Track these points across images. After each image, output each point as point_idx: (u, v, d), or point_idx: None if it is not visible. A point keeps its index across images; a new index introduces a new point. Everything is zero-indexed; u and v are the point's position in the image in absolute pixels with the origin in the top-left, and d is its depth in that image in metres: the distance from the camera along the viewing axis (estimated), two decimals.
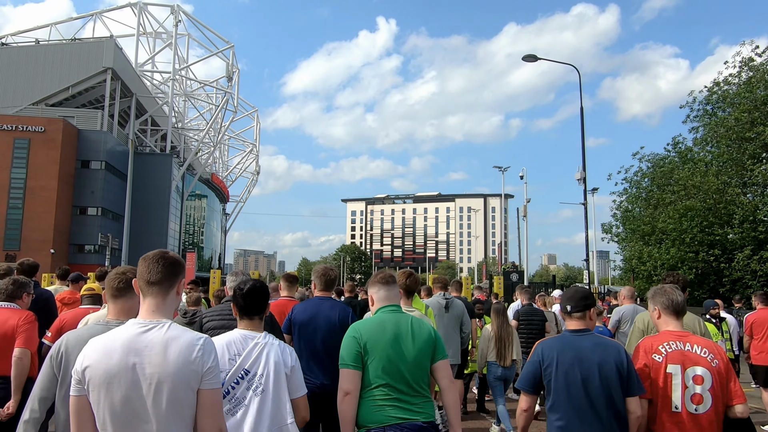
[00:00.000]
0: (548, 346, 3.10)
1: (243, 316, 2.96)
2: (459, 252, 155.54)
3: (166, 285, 2.12)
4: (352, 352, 3.01)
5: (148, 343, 1.98)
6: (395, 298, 3.30)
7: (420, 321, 3.20)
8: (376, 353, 2.98)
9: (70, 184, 46.43)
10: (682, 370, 2.95)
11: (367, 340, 3.02)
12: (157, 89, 61.61)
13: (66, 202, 45.84)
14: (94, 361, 1.97)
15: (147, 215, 52.64)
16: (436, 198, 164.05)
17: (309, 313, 4.32)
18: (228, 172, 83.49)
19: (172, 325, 2.06)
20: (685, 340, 3.05)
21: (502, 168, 37.35)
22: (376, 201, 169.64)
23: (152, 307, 2.09)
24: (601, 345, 3.03)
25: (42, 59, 49.71)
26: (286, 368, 2.85)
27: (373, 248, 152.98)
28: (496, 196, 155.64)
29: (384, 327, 3.08)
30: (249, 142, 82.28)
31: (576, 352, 2.99)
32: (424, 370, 3.04)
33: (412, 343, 3.03)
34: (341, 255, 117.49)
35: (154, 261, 2.13)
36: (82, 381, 1.98)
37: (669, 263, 18.90)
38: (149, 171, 53.78)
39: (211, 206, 78.51)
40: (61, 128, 44.73)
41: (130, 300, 2.66)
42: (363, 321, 3.30)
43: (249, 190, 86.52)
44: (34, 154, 43.95)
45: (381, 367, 2.96)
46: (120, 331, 2.04)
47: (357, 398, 2.96)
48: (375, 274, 3.45)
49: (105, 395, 1.94)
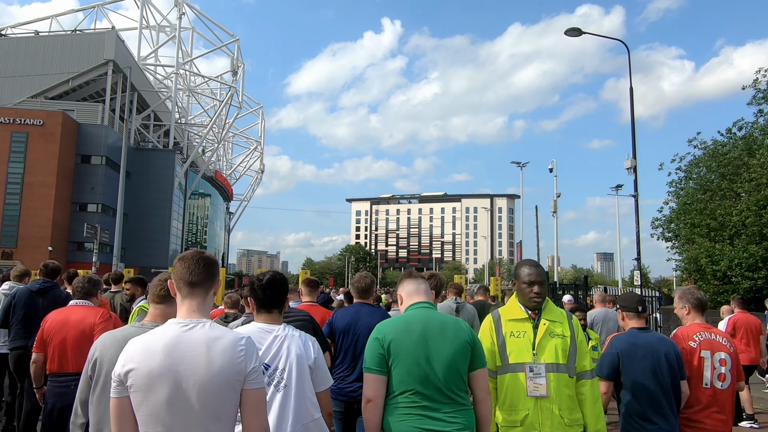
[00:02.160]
0: (623, 340, 3.62)
1: (261, 309, 2.83)
2: (465, 253, 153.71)
3: (207, 285, 2.10)
4: (374, 355, 2.75)
5: (191, 342, 1.95)
6: (425, 294, 2.99)
7: (457, 321, 2.89)
8: (401, 355, 2.71)
9: (70, 179, 44.96)
10: (711, 355, 3.63)
11: (391, 341, 2.74)
12: (161, 84, 60.12)
13: (65, 198, 44.35)
14: (137, 362, 1.93)
15: (149, 213, 51.15)
16: (442, 198, 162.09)
17: (349, 319, 4.30)
18: (232, 170, 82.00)
19: (213, 324, 2.03)
20: (711, 331, 3.74)
21: (521, 163, 35.73)
22: (381, 201, 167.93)
23: (192, 307, 2.06)
24: (662, 339, 3.68)
25: (41, 51, 48.26)
26: (309, 360, 2.72)
27: (378, 249, 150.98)
28: (502, 197, 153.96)
29: (410, 326, 2.80)
30: (253, 140, 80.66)
31: (646, 345, 3.53)
32: (459, 375, 2.73)
33: (444, 345, 2.73)
34: (346, 255, 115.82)
35: (194, 262, 2.10)
36: (124, 382, 1.94)
37: (747, 262, 16.68)
38: (151, 167, 52.30)
39: (214, 205, 77.08)
40: (60, 122, 43.28)
41: (169, 307, 2.71)
42: (388, 320, 2.98)
43: (253, 188, 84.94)
44: (32, 148, 42.52)
45: (407, 371, 2.69)
46: (161, 331, 2.01)
47: (381, 406, 2.71)
48: (403, 273, 3.22)
49: (148, 396, 1.91)
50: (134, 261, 47.21)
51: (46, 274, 5.88)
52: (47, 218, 41.80)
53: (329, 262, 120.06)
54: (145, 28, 58.48)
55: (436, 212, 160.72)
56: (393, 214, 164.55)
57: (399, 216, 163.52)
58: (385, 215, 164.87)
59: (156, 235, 51.66)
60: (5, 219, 41.93)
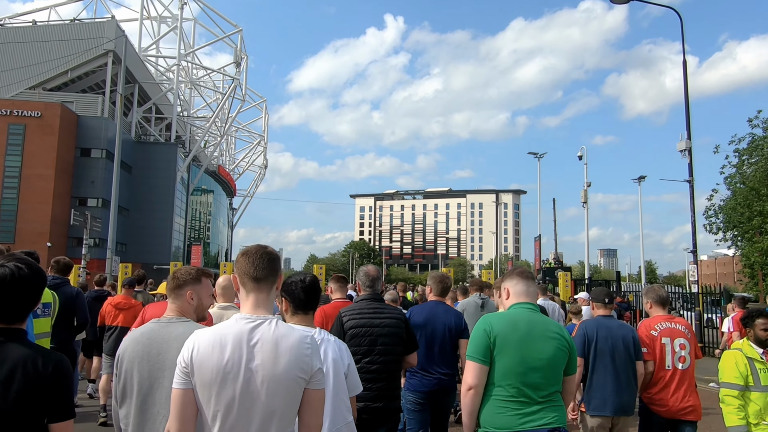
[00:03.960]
0: (590, 324, 4.51)
1: (298, 310, 2.85)
2: (470, 249, 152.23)
3: (271, 280, 2.11)
4: (481, 346, 2.88)
5: (259, 338, 1.96)
6: (533, 296, 3.15)
7: (559, 326, 3.05)
8: (506, 350, 2.85)
9: (69, 173, 43.62)
10: (671, 341, 4.32)
11: (498, 335, 2.87)
12: (162, 76, 58.70)
13: (64, 193, 43.02)
14: (206, 355, 1.91)
15: (151, 208, 49.84)
16: (447, 194, 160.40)
17: (425, 315, 4.60)
18: (235, 165, 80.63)
19: (279, 321, 2.04)
20: (672, 321, 4.48)
21: (538, 154, 34.20)
22: (386, 197, 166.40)
23: (257, 302, 2.06)
24: (622, 325, 4.55)
25: (39, 41, 46.84)
26: (344, 366, 2.79)
27: (382, 245, 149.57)
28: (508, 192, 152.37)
29: (516, 324, 2.93)
30: (256, 134, 79.20)
31: (608, 329, 4.38)
32: (557, 375, 2.91)
33: (546, 347, 2.88)
34: (350, 251, 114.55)
35: (258, 257, 2.10)
36: (191, 374, 1.92)
37: None
38: (153, 161, 50.95)
39: (217, 200, 75.76)
40: (59, 113, 41.93)
41: (177, 300, 2.68)
42: (495, 314, 3.16)
43: (257, 184, 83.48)
44: (29, 140, 41.17)
45: (509, 366, 2.82)
46: (229, 325, 2.00)
47: (480, 394, 2.86)
48: (514, 268, 3.33)
49: (216, 390, 1.90)
50: (136, 257, 45.95)
51: (58, 270, 5.95)
52: (46, 213, 40.48)
53: (333, 258, 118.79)
54: (146, 19, 57.11)
55: (441, 208, 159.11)
56: (397, 210, 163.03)
57: (403, 212, 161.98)
58: (389, 211, 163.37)
59: (158, 230, 50.34)
60: (2, 214, 40.65)
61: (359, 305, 3.88)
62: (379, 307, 3.88)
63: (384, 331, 3.74)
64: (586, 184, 23.16)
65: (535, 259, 30.24)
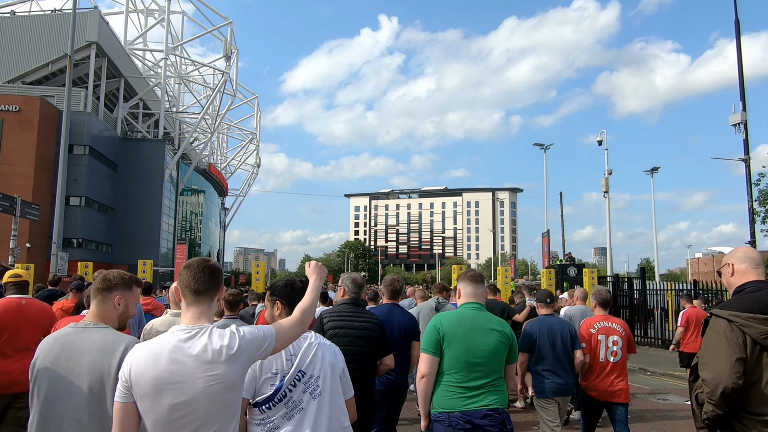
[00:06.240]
0: (534, 323, 5.36)
1: None
2: (466, 248, 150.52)
3: (212, 293, 2.14)
4: (432, 340, 3.43)
5: (193, 348, 1.98)
6: (481, 297, 3.63)
7: (502, 322, 3.58)
8: (453, 343, 3.38)
9: (50, 170, 41.41)
10: (606, 338, 5.12)
11: (447, 330, 3.42)
12: (150, 70, 56.61)
13: (44, 191, 40.83)
14: (143, 368, 1.95)
15: (137, 207, 47.78)
16: (442, 192, 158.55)
17: (382, 318, 4.53)
18: (226, 164, 78.56)
19: (214, 329, 2.05)
20: (609, 320, 5.26)
21: (544, 145, 32.45)
22: (381, 196, 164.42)
23: (197, 314, 2.10)
24: (562, 322, 5.37)
25: (18, 32, 44.69)
26: (338, 370, 2.76)
27: (377, 245, 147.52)
28: (504, 190, 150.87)
29: (463, 320, 3.48)
30: (248, 131, 77.13)
31: (549, 326, 5.22)
32: (498, 363, 3.44)
33: (488, 338, 3.41)
34: (345, 251, 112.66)
35: (199, 270, 2.13)
36: (130, 387, 1.96)
37: None
38: (140, 158, 48.88)
39: (209, 200, 73.66)
40: (39, 107, 39.81)
41: (102, 304, 2.63)
42: (445, 313, 3.68)
43: (249, 183, 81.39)
44: (7, 136, 39.04)
45: (456, 356, 3.37)
46: (165, 337, 2.03)
47: (432, 381, 3.42)
48: (467, 271, 3.79)
49: (154, 402, 1.93)
50: (123, 258, 43.90)
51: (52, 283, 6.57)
52: None
53: (328, 258, 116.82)
54: (132, 11, 55.06)
55: (437, 207, 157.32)
56: (392, 210, 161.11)
57: (399, 211, 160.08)
58: (384, 210, 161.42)
59: (145, 231, 48.27)
60: None
61: (340, 308, 4.22)
62: (359, 311, 4.22)
63: (361, 333, 4.06)
64: (606, 172, 21.40)
65: (544, 256, 28.48)
